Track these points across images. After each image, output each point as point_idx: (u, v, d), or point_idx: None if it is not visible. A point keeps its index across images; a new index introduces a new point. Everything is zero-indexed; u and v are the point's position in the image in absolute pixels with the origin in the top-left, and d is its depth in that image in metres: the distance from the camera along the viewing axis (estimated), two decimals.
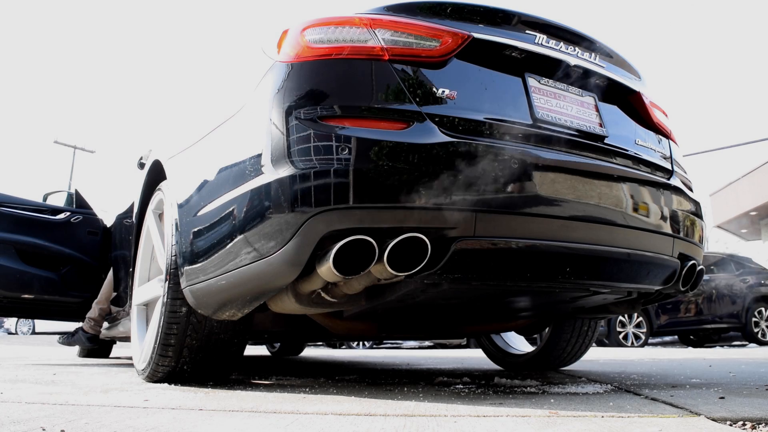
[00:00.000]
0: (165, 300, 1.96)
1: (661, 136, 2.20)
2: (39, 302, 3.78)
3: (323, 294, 1.72)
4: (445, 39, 1.69)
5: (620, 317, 8.95)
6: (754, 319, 9.34)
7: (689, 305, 9.21)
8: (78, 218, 3.92)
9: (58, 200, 4.53)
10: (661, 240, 1.91)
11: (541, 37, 1.87)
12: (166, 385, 2.01)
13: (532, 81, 1.83)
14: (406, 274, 1.49)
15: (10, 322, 17.15)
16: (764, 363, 3.59)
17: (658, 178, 2.00)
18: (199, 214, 1.83)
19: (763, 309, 9.43)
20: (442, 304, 2.06)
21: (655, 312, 9.13)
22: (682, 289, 2.08)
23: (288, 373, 2.84)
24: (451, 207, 1.48)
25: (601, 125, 1.94)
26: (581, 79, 1.96)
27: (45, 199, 4.50)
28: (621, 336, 8.90)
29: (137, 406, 1.49)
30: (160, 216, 2.40)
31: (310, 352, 6.75)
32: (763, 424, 1.25)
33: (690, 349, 8.06)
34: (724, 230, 19.64)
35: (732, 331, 9.58)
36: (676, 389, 1.95)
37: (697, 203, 2.15)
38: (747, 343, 9.84)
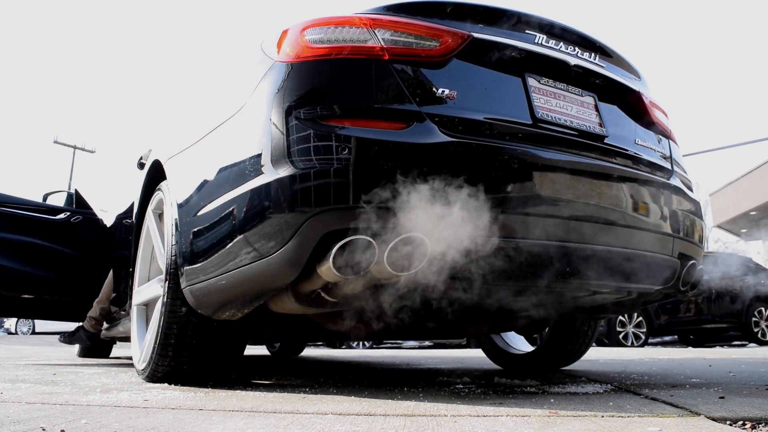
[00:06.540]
0: (165, 300, 1.96)
1: (661, 136, 2.19)
2: (39, 302, 3.79)
3: (323, 294, 1.71)
4: (444, 39, 1.69)
5: (620, 317, 8.96)
6: (753, 319, 9.34)
7: (689, 305, 9.22)
8: (78, 218, 3.92)
9: (58, 200, 4.54)
10: (660, 240, 1.91)
11: (540, 37, 1.87)
12: (166, 385, 2.01)
13: (531, 81, 1.83)
14: (406, 274, 1.49)
15: (10, 322, 17.16)
16: (764, 363, 3.59)
17: (658, 177, 2.00)
18: (199, 214, 1.83)
19: (763, 309, 9.43)
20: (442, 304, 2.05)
21: (655, 312, 9.14)
22: (682, 289, 2.08)
23: (288, 373, 2.84)
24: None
25: (600, 125, 1.94)
26: (581, 78, 1.96)
27: (45, 199, 4.50)
28: (621, 336, 8.91)
29: (137, 406, 1.49)
30: (160, 216, 2.40)
31: (310, 352, 6.75)
32: (763, 424, 1.25)
33: (690, 349, 8.06)
34: (724, 230, 19.65)
35: (732, 331, 9.58)
36: (676, 389, 1.95)
37: (697, 203, 2.15)
38: (747, 343, 9.85)
